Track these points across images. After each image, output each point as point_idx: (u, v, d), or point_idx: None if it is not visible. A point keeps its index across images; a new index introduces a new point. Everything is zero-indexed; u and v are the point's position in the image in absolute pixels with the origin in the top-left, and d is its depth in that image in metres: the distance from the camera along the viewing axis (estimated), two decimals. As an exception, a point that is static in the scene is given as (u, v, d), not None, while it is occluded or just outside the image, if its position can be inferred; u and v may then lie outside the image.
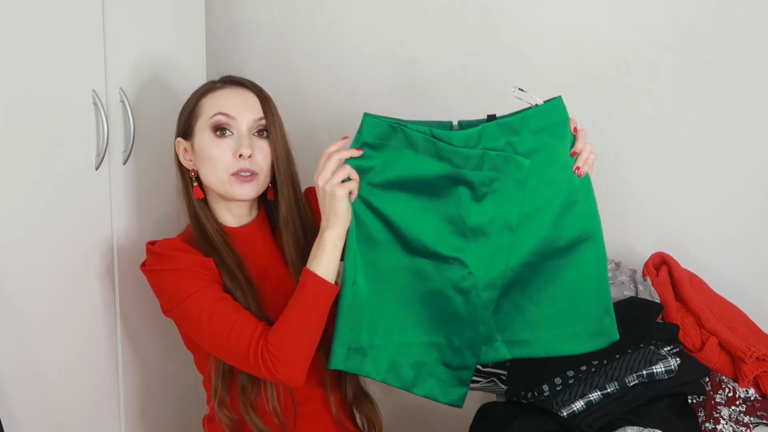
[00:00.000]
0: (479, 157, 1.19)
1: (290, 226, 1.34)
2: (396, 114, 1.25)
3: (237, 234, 1.35)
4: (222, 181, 1.28)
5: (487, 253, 1.23)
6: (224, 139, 1.28)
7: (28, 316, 1.32)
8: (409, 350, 1.27)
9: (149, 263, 1.29)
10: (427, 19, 1.77)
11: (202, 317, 1.22)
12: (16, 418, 1.31)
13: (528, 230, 1.23)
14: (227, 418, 1.30)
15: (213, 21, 1.93)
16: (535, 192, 1.21)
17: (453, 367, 1.27)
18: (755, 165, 1.58)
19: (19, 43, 1.26)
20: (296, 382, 1.22)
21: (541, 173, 1.21)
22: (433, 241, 1.22)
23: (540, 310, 1.25)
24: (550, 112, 1.21)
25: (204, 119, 1.29)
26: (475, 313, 1.24)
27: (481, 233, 1.22)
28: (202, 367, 1.38)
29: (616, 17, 1.63)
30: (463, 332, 1.25)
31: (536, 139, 1.20)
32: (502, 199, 1.21)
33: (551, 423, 1.25)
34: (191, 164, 1.33)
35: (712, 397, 1.29)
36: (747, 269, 1.62)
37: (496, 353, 1.27)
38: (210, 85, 1.34)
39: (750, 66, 1.56)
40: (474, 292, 1.24)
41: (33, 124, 1.30)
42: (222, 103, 1.28)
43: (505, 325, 1.27)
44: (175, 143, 1.35)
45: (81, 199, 1.41)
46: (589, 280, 1.24)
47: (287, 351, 1.19)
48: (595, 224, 1.24)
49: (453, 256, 1.23)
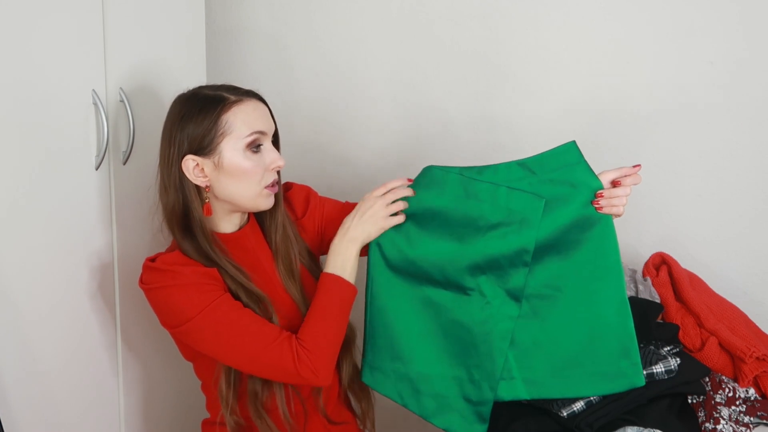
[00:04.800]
0: (499, 192, 1.26)
1: (280, 228, 1.36)
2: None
3: (233, 239, 1.34)
4: (255, 194, 1.28)
5: (504, 285, 1.26)
6: (257, 154, 1.28)
7: (28, 316, 1.32)
8: (431, 382, 1.30)
9: (150, 281, 1.26)
10: (428, 19, 1.77)
11: (220, 330, 1.22)
12: (16, 418, 1.31)
13: (543, 264, 1.25)
14: (234, 422, 1.30)
15: (213, 21, 1.93)
16: (549, 230, 1.24)
17: (473, 402, 1.29)
18: (755, 165, 1.58)
19: (19, 43, 1.26)
20: (327, 381, 1.26)
21: (557, 212, 1.23)
22: (453, 272, 1.27)
23: (557, 347, 1.25)
24: (564, 155, 1.26)
25: (237, 137, 1.25)
26: (492, 344, 1.26)
27: (497, 266, 1.26)
28: (204, 375, 1.37)
29: (616, 17, 1.63)
30: (482, 365, 1.27)
31: (551, 179, 1.25)
32: (517, 237, 1.24)
33: (551, 423, 1.25)
34: (206, 180, 1.27)
35: (712, 397, 1.29)
36: (747, 269, 1.62)
37: (514, 392, 1.27)
38: (222, 99, 1.26)
39: (750, 66, 1.56)
40: (491, 323, 1.26)
41: (33, 124, 1.30)
42: (253, 120, 1.27)
43: (524, 362, 1.27)
44: (183, 161, 1.25)
45: (81, 199, 1.41)
46: (604, 319, 1.23)
47: (321, 348, 1.23)
48: (610, 263, 1.23)
49: (471, 287, 1.27)
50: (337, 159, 1.92)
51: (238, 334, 1.22)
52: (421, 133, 1.82)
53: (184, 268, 1.25)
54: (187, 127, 1.25)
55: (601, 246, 1.23)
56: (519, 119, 1.73)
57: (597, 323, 1.23)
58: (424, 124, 1.82)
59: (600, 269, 1.23)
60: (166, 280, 1.24)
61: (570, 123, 1.69)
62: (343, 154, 1.91)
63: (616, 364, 1.22)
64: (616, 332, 1.23)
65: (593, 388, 1.23)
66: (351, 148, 1.90)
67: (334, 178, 1.91)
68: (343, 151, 1.91)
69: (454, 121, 1.78)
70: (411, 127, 1.83)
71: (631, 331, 1.22)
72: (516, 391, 1.26)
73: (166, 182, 1.29)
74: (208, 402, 1.41)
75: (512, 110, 1.73)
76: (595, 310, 1.23)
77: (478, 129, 1.77)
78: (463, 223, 1.28)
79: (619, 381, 1.22)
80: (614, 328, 1.23)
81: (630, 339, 1.22)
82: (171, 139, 1.27)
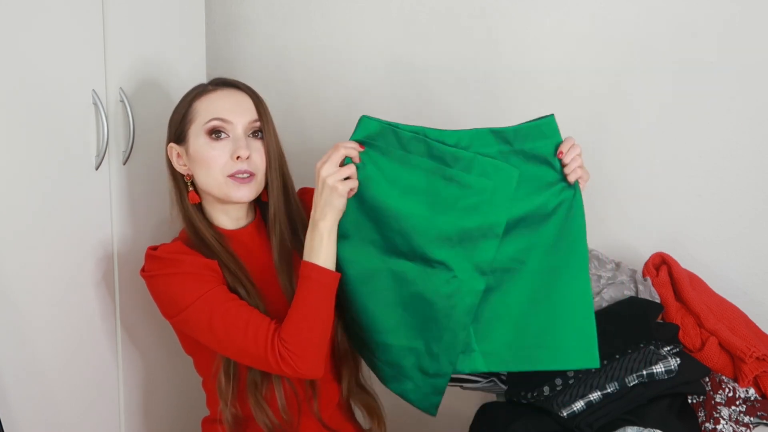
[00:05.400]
0: (469, 159, 1.21)
1: (277, 227, 1.33)
2: (392, 112, 1.26)
3: (234, 236, 1.34)
4: (219, 183, 1.28)
5: (472, 259, 1.23)
6: (220, 141, 1.27)
7: (27, 316, 1.32)
8: (387, 351, 1.28)
9: (151, 268, 1.27)
10: (428, 20, 1.77)
11: (214, 319, 1.21)
12: (16, 418, 1.31)
13: (512, 237, 1.23)
14: (231, 415, 1.30)
15: (213, 21, 1.93)
16: (520, 202, 1.22)
17: (429, 374, 1.28)
18: (755, 165, 1.58)
19: (19, 43, 1.26)
20: (316, 375, 1.23)
21: (528, 185, 1.22)
22: (420, 243, 1.22)
23: (516, 320, 1.24)
24: (542, 128, 1.23)
25: (199, 124, 1.28)
26: (456, 318, 1.24)
27: (467, 238, 1.22)
28: (203, 370, 1.37)
29: (616, 17, 1.63)
30: (442, 337, 1.25)
31: (526, 152, 1.22)
32: (489, 207, 1.21)
33: (551, 423, 1.25)
34: (185, 169, 1.32)
35: (712, 397, 1.29)
36: (747, 269, 1.62)
37: (473, 364, 1.26)
38: (201, 88, 1.33)
39: (750, 66, 1.55)
40: (457, 296, 1.24)
41: (33, 124, 1.30)
42: (217, 107, 1.28)
43: (484, 335, 1.26)
44: (168, 149, 1.33)
45: (81, 199, 1.41)
46: (562, 296, 1.23)
47: (303, 345, 1.19)
48: (576, 241, 1.23)
49: (438, 260, 1.23)
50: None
51: (230, 324, 1.21)
52: (421, 133, 1.82)
53: (184, 256, 1.26)
54: (172, 116, 1.34)
55: (567, 224, 1.23)
56: (519, 119, 1.72)
57: (556, 300, 1.23)
58: (423, 124, 1.81)
59: (564, 247, 1.23)
60: (167, 268, 1.25)
61: (570, 123, 1.67)
62: (343, 153, 1.91)
63: (571, 341, 1.23)
64: (575, 310, 1.23)
65: (549, 362, 1.24)
66: (351, 147, 1.90)
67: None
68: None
69: (454, 121, 1.78)
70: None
71: (589, 311, 1.23)
72: (474, 363, 1.26)
73: (169, 171, 1.36)
74: (209, 399, 1.40)
75: (512, 110, 1.73)
76: (555, 286, 1.23)
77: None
78: (429, 188, 1.21)
79: (574, 358, 1.23)
80: (573, 306, 1.23)
81: (587, 318, 1.22)
82: (167, 128, 1.35)
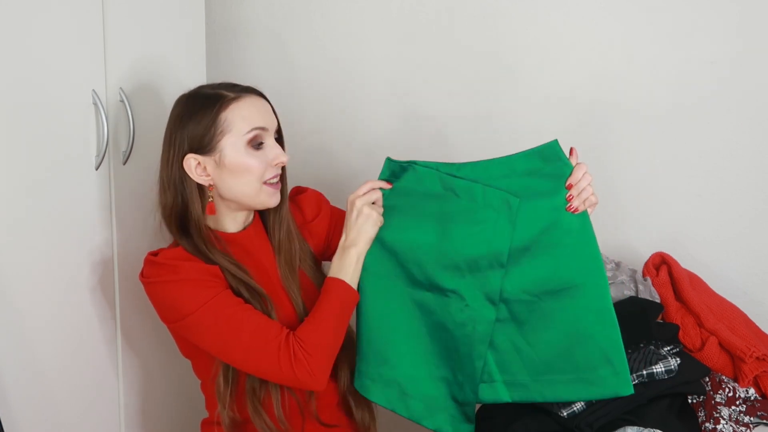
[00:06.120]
0: (476, 190, 1.24)
1: (284, 225, 1.36)
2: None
3: (237, 239, 1.34)
4: (256, 191, 1.28)
5: (482, 288, 1.25)
6: (261, 150, 1.28)
7: (28, 316, 1.32)
8: (419, 383, 1.29)
9: (150, 274, 1.26)
10: (428, 19, 1.77)
11: (220, 324, 1.21)
12: (16, 418, 1.31)
13: (519, 268, 1.24)
14: (229, 419, 1.30)
15: (213, 21, 1.93)
16: (524, 231, 1.22)
17: (460, 403, 1.29)
18: (755, 165, 1.58)
19: (19, 44, 1.26)
20: (321, 386, 1.24)
21: (532, 212, 1.22)
22: (434, 272, 1.26)
23: (536, 353, 1.25)
24: (544, 154, 1.23)
25: (237, 134, 1.25)
26: (472, 346, 1.26)
27: (476, 268, 1.25)
28: (201, 373, 1.37)
29: (616, 17, 1.63)
30: (463, 367, 1.27)
31: (529, 179, 1.23)
32: (493, 235, 1.23)
33: (551, 423, 1.25)
34: (209, 179, 1.28)
35: (712, 397, 1.29)
36: (747, 269, 1.62)
37: (496, 394, 1.27)
38: (220, 97, 1.27)
39: (750, 66, 1.55)
40: (470, 325, 1.26)
41: (33, 124, 1.30)
42: (252, 117, 1.27)
43: (505, 366, 1.26)
44: (184, 161, 1.26)
45: (81, 199, 1.41)
46: (582, 327, 1.21)
47: (318, 349, 1.22)
48: (588, 271, 1.21)
49: (451, 289, 1.26)
50: (337, 157, 1.92)
51: (237, 329, 1.21)
52: (421, 132, 1.82)
53: (185, 263, 1.25)
54: (187, 127, 1.26)
55: (579, 251, 1.21)
56: (519, 120, 1.73)
57: (575, 330, 1.22)
58: (423, 124, 1.82)
59: (578, 275, 1.21)
60: (167, 275, 1.24)
61: (570, 124, 1.69)
62: (343, 152, 1.91)
63: (596, 372, 1.20)
64: (597, 339, 1.21)
65: (574, 393, 1.22)
66: (350, 146, 1.90)
67: (333, 177, 1.91)
68: (343, 150, 1.91)
69: (454, 121, 1.78)
70: (410, 125, 1.83)
71: (615, 338, 1.20)
72: (498, 393, 1.27)
73: (165, 182, 1.29)
74: (208, 401, 1.40)
75: (512, 111, 1.73)
76: (573, 316, 1.22)
77: (477, 129, 1.76)
78: (440, 218, 1.26)
79: (600, 388, 1.20)
80: (594, 335, 1.21)
81: (613, 346, 1.20)
82: (172, 139, 1.28)
